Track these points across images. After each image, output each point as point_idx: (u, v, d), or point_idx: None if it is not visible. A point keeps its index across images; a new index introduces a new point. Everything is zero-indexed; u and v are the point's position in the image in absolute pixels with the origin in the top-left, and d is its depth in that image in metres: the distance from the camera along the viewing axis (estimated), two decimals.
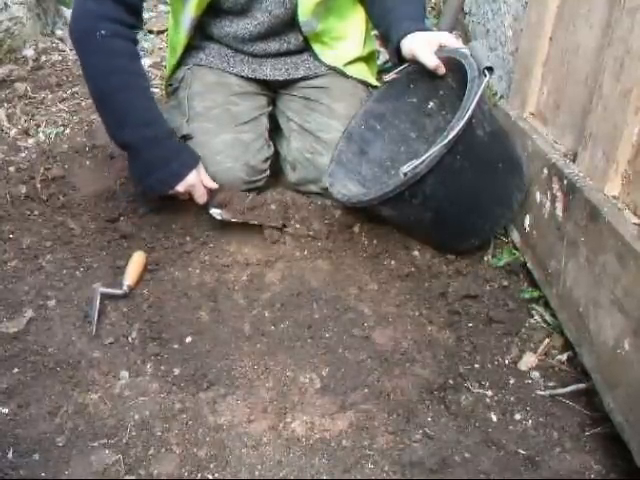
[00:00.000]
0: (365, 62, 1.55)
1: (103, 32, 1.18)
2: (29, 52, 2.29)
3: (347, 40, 1.49)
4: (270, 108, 1.52)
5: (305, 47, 1.46)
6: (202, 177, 1.29)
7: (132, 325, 1.11)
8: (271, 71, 1.48)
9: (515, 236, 1.28)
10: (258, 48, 1.44)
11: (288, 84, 1.52)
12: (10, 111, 1.88)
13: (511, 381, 1.01)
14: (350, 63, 1.50)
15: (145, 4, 1.30)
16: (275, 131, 1.54)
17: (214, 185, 1.30)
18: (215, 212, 1.29)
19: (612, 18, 0.96)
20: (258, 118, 1.45)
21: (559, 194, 1.07)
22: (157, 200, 1.35)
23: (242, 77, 1.48)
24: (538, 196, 1.17)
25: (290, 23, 1.40)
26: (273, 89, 1.55)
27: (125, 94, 1.21)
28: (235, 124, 1.40)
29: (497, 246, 1.30)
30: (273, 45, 1.44)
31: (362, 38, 1.51)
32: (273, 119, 1.55)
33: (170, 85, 1.55)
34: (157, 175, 1.25)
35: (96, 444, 0.89)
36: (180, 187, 1.26)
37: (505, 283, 1.20)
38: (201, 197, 1.29)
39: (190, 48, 1.48)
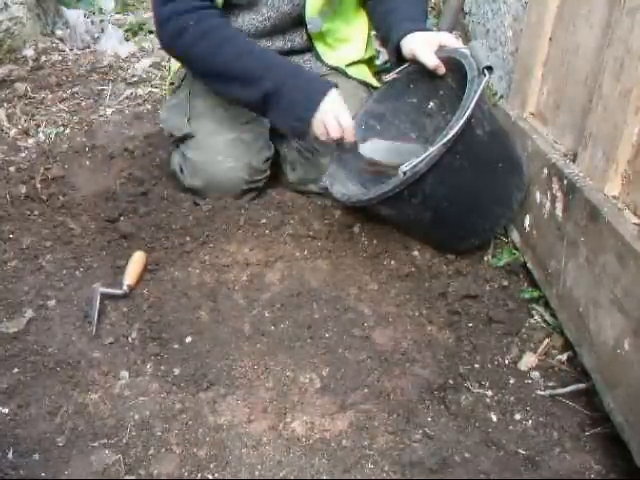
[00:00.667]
0: (366, 64, 1.56)
1: (191, 22, 1.23)
2: (29, 52, 2.29)
3: (350, 43, 1.50)
4: None
5: (308, 47, 1.46)
6: (346, 108, 1.21)
7: (132, 325, 1.11)
8: None
9: (515, 236, 1.28)
10: (262, 45, 1.44)
11: None
12: (10, 111, 1.88)
13: (511, 381, 1.01)
14: (351, 64, 1.50)
15: (146, 4, 1.30)
16: (275, 131, 1.54)
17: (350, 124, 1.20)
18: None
19: (612, 18, 0.96)
20: (259, 118, 1.45)
21: (559, 194, 1.07)
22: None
23: None
24: (538, 196, 1.17)
25: (296, 21, 1.40)
26: None
27: (244, 56, 1.24)
28: (237, 124, 1.40)
29: (497, 246, 1.30)
30: (277, 43, 1.44)
31: (365, 43, 1.52)
32: None
33: (172, 84, 1.55)
34: (300, 103, 1.20)
35: (96, 444, 0.89)
36: (324, 106, 1.18)
37: (505, 283, 1.20)
38: (347, 122, 1.18)
39: None
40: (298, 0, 1.35)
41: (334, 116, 1.18)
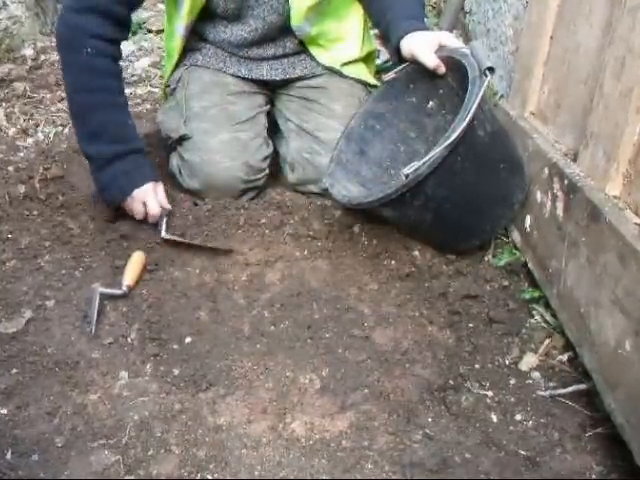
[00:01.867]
0: (363, 62, 1.55)
1: (89, 50, 1.21)
2: (28, 51, 2.28)
3: (344, 41, 1.49)
4: (268, 107, 1.52)
5: (302, 49, 1.46)
6: (159, 194, 1.30)
7: (131, 325, 1.10)
8: (268, 71, 1.48)
9: (516, 236, 1.28)
10: (254, 53, 1.44)
11: (286, 84, 1.51)
12: (9, 110, 1.88)
13: (512, 381, 1.01)
14: (347, 63, 1.49)
15: (145, 3, 1.30)
16: (274, 131, 1.53)
17: (168, 206, 1.31)
18: (165, 234, 1.27)
19: (613, 17, 0.96)
20: (256, 117, 1.45)
21: (560, 194, 1.07)
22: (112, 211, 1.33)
23: (239, 77, 1.47)
24: (539, 196, 1.16)
25: (285, 28, 1.39)
26: (271, 88, 1.55)
27: (102, 113, 1.25)
28: (233, 123, 1.40)
29: (498, 246, 1.30)
30: (269, 50, 1.44)
31: (360, 39, 1.50)
32: (273, 119, 1.55)
33: (168, 86, 1.55)
34: (118, 183, 1.27)
35: (95, 444, 0.89)
36: (136, 194, 1.26)
37: (505, 283, 1.20)
38: (153, 210, 1.27)
39: (187, 50, 1.48)
40: (282, 10, 1.35)
41: (142, 205, 1.27)
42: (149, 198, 1.28)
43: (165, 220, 1.29)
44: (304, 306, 1.15)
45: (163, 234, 1.27)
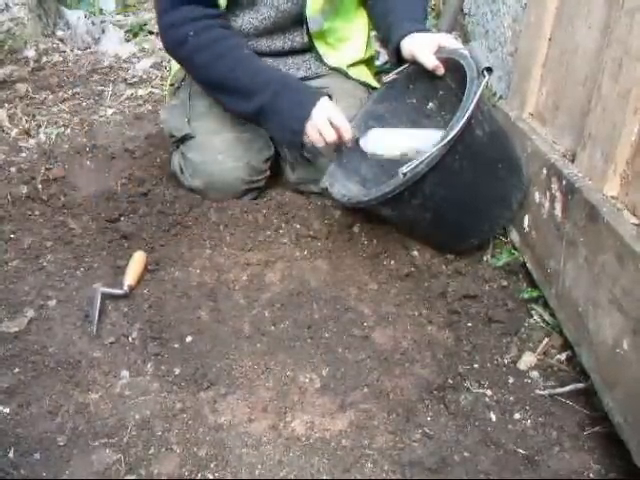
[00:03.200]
0: (365, 65, 1.56)
1: (191, 33, 1.26)
2: (30, 53, 2.29)
3: (351, 42, 1.50)
4: None
5: (309, 47, 1.47)
6: (338, 110, 1.23)
7: (132, 325, 1.11)
8: None
9: (514, 236, 1.28)
10: (262, 45, 1.44)
11: None
12: (11, 111, 1.89)
13: (510, 381, 1.02)
14: (352, 65, 1.50)
15: (147, 5, 1.31)
16: None
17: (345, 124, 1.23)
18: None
19: (611, 19, 0.97)
20: None
21: (558, 194, 1.07)
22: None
23: None
24: (537, 196, 1.17)
25: (296, 20, 1.40)
26: None
27: (238, 70, 1.27)
28: (236, 123, 1.40)
29: (496, 246, 1.30)
30: (277, 42, 1.44)
31: (365, 42, 1.52)
32: None
33: (172, 85, 1.56)
34: (292, 114, 1.23)
35: (97, 443, 0.90)
36: (315, 113, 1.21)
37: (504, 283, 1.20)
38: (340, 121, 1.21)
39: None
40: None
41: (327, 121, 1.21)
42: (331, 114, 1.21)
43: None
44: (304, 306, 1.16)
45: (362, 146, 1.20)
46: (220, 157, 1.37)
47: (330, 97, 1.27)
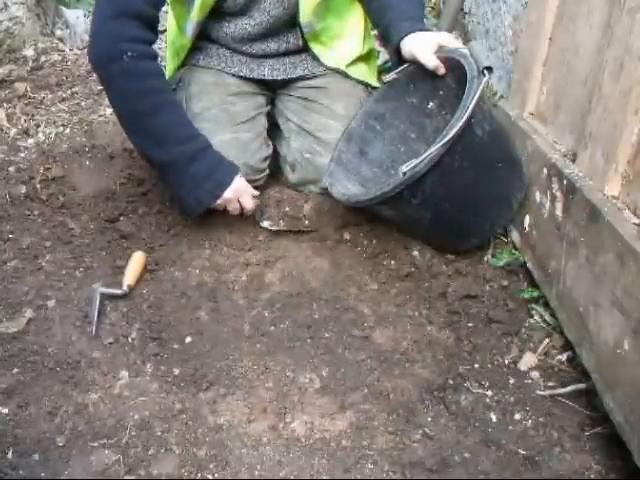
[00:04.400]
0: (365, 61, 1.55)
1: (129, 54, 1.15)
2: (29, 52, 2.29)
3: (346, 39, 1.49)
4: (268, 107, 1.52)
5: (304, 48, 1.46)
6: (249, 191, 1.29)
7: (132, 325, 1.11)
8: (269, 71, 1.48)
9: (515, 236, 1.28)
10: (257, 48, 1.44)
11: (286, 84, 1.52)
12: (10, 111, 1.88)
13: (511, 381, 1.02)
14: (351, 64, 1.50)
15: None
16: (274, 131, 1.54)
17: (256, 192, 1.30)
18: (266, 223, 1.30)
19: (612, 18, 0.96)
20: (256, 117, 1.45)
21: (559, 194, 1.07)
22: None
23: (240, 77, 1.48)
24: (538, 196, 1.17)
25: (289, 23, 1.40)
26: (272, 89, 1.55)
27: (160, 115, 1.20)
28: (233, 124, 1.40)
29: (497, 246, 1.30)
30: (272, 45, 1.44)
31: (362, 36, 1.51)
32: (273, 119, 1.55)
33: None
34: (205, 186, 1.23)
35: (96, 444, 0.89)
36: (229, 193, 1.25)
37: (505, 283, 1.20)
38: (248, 203, 1.27)
39: (189, 49, 1.48)
40: (288, 3, 1.35)
41: (236, 200, 1.27)
42: (243, 194, 1.26)
43: (262, 209, 1.30)
44: (304, 306, 1.15)
45: (265, 224, 1.29)
46: None
47: (237, 172, 1.28)
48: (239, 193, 1.26)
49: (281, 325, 1.12)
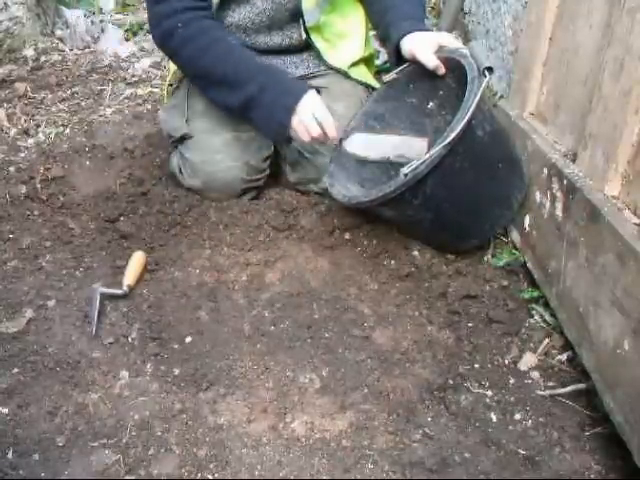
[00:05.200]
0: (366, 64, 1.56)
1: (179, 24, 1.26)
2: (29, 52, 2.29)
3: (348, 39, 1.49)
4: None
5: (307, 44, 1.46)
6: (324, 107, 1.23)
7: (132, 325, 1.11)
8: None
9: (515, 236, 1.28)
10: (260, 41, 1.43)
11: None
12: (10, 111, 1.88)
13: (511, 381, 1.02)
14: (353, 65, 1.50)
15: (145, 4, 1.30)
16: None
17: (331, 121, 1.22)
18: (351, 148, 1.21)
19: (612, 18, 0.96)
20: None
21: (559, 194, 1.07)
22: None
23: None
24: (538, 196, 1.17)
25: (292, 14, 1.39)
26: None
27: (225, 61, 1.27)
28: (234, 123, 1.40)
29: (497, 246, 1.30)
30: (275, 39, 1.44)
31: (363, 39, 1.51)
32: None
33: (171, 85, 1.55)
34: (278, 108, 1.23)
35: (96, 444, 0.89)
36: (302, 107, 1.21)
37: (505, 283, 1.20)
38: (325, 118, 1.20)
39: None
40: None
41: (312, 116, 1.21)
42: (317, 109, 1.21)
43: (347, 130, 1.23)
44: (304, 306, 1.15)
45: (350, 148, 1.21)
46: (218, 157, 1.36)
47: (318, 91, 1.27)
48: (313, 108, 1.21)
49: (281, 325, 1.12)
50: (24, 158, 1.60)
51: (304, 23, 1.40)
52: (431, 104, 1.34)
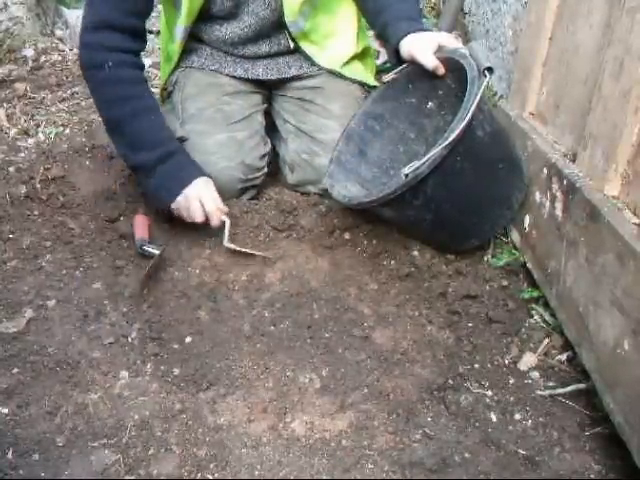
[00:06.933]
0: (360, 60, 1.54)
1: (110, 63, 1.23)
2: (29, 52, 2.29)
3: (338, 37, 1.48)
4: (265, 106, 1.52)
5: (296, 48, 1.46)
6: (213, 193, 1.26)
7: (132, 325, 1.11)
8: (263, 71, 1.48)
9: (515, 236, 1.28)
10: (249, 51, 1.44)
11: (282, 84, 1.52)
12: (10, 111, 1.88)
13: (511, 381, 1.02)
14: (346, 64, 1.49)
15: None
16: (273, 132, 1.54)
17: (225, 208, 1.27)
18: (227, 243, 1.24)
19: (612, 18, 0.97)
20: (252, 116, 1.45)
21: (559, 194, 1.07)
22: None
23: (235, 77, 1.48)
24: (538, 196, 1.17)
25: (278, 24, 1.39)
26: (268, 88, 1.55)
27: (136, 120, 1.25)
28: (228, 123, 1.40)
29: (497, 246, 1.30)
30: (263, 47, 1.44)
31: (355, 34, 1.49)
32: (272, 120, 1.55)
33: (165, 89, 1.56)
34: (167, 184, 1.24)
35: (96, 444, 0.89)
36: (188, 192, 1.23)
37: (505, 283, 1.20)
38: (211, 207, 1.23)
39: (183, 52, 1.48)
40: (275, 5, 1.35)
41: (198, 202, 1.23)
42: (204, 195, 1.23)
43: (228, 225, 1.24)
44: (304, 306, 1.15)
45: (226, 242, 1.23)
46: (213, 158, 1.36)
47: (209, 176, 1.28)
48: (201, 195, 1.23)
49: (281, 325, 1.12)
50: (24, 158, 1.60)
51: (289, 33, 1.40)
52: (430, 104, 1.33)
